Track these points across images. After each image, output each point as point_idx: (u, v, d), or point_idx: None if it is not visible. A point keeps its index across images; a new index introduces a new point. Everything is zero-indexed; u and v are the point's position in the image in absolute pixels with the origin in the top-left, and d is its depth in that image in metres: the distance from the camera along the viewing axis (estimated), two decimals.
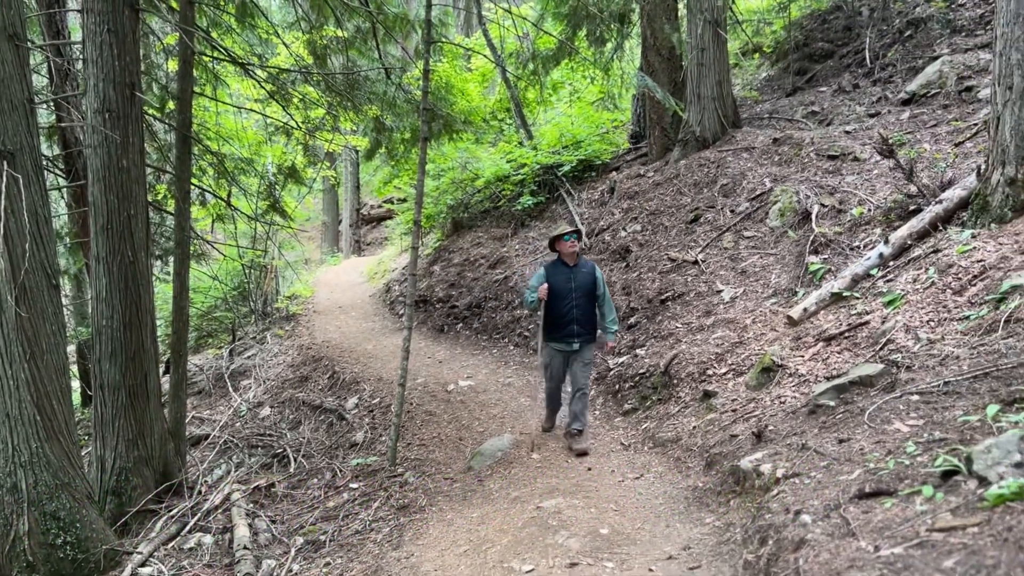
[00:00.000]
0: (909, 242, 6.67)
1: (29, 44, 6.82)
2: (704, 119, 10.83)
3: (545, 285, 6.57)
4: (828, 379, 5.27)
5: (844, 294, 6.53)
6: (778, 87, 13.20)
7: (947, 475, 3.36)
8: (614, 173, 11.91)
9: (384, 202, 21.87)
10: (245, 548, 5.68)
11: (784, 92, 12.77)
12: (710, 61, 10.70)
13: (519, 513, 5.21)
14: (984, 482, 3.17)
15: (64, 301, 10.77)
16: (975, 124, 8.48)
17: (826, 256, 7.45)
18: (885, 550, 2.94)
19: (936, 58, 10.62)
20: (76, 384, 11.03)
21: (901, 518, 3.17)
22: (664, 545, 4.44)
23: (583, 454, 6.49)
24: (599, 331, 6.95)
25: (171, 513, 6.63)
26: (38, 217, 5.57)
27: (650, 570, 4.14)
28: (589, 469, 6.09)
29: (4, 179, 5.30)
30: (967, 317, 5.07)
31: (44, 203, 5.82)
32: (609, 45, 11.52)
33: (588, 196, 11.88)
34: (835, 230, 7.70)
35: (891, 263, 6.61)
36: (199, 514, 6.57)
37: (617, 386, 7.82)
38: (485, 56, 15.14)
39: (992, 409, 3.69)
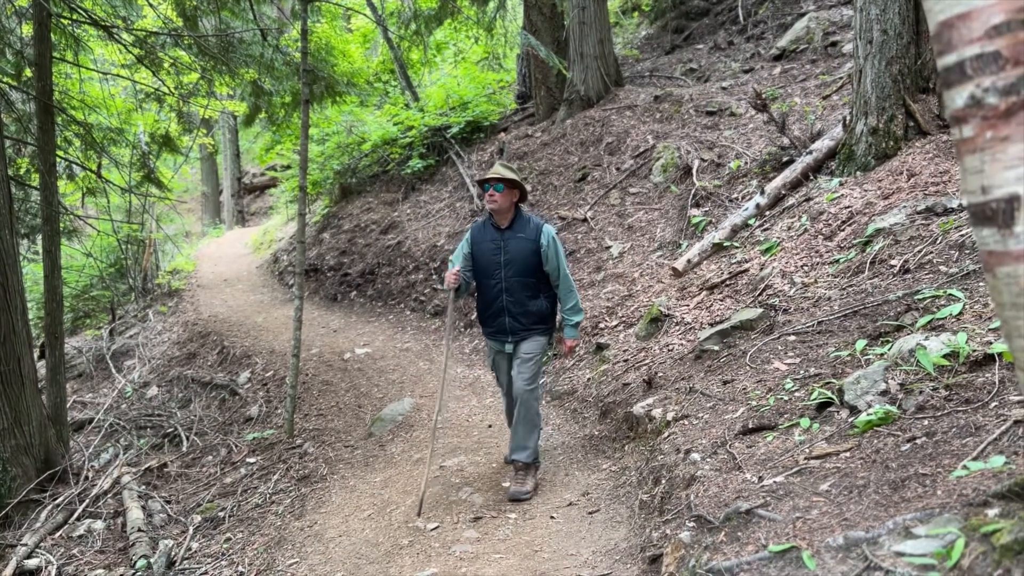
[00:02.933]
0: (783, 192, 7.01)
1: None
2: (588, 78, 10.97)
3: (456, 268, 4.68)
4: (712, 325, 5.52)
5: (725, 244, 6.81)
6: (657, 45, 13.48)
7: (822, 407, 3.60)
8: (503, 134, 11.93)
9: (267, 170, 21.18)
10: (140, 530, 5.50)
11: (663, 50, 13.06)
12: (591, 19, 10.81)
13: (422, 474, 5.26)
14: (855, 411, 3.42)
15: None
16: (840, 78, 8.94)
17: (707, 208, 7.74)
18: (768, 479, 3.14)
19: (803, 15, 11.10)
20: None
21: (782, 449, 3.39)
22: (564, 493, 4.59)
23: (516, 500, 4.58)
24: (555, 324, 4.96)
25: (56, 502, 6.34)
26: None
27: (551, 517, 4.27)
28: (490, 426, 6.19)
29: None
30: (837, 260, 5.39)
31: None
32: (492, 4, 11.46)
33: (478, 158, 11.87)
34: (715, 183, 8.00)
35: (767, 213, 6.93)
36: (87, 500, 6.31)
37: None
38: (366, 16, 14.78)
39: (860, 344, 3.97)
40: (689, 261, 6.89)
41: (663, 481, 3.82)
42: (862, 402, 3.43)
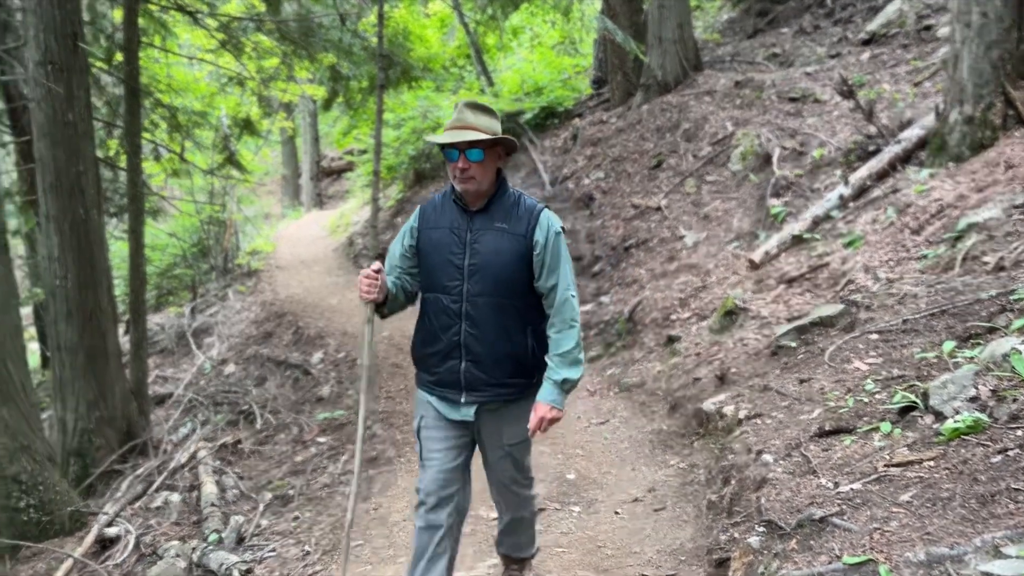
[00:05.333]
0: (868, 183, 6.71)
1: None
2: (666, 63, 10.73)
3: (375, 266, 2.96)
4: (789, 321, 5.33)
5: (805, 236, 6.57)
6: (739, 29, 13.11)
7: (905, 411, 3.42)
8: (577, 119, 11.81)
9: (345, 154, 21.51)
10: (213, 505, 5.66)
11: (745, 34, 12.69)
12: (671, 3, 10.56)
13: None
14: (940, 417, 3.24)
15: (17, 262, 10.51)
16: (934, 63, 8.51)
17: (787, 199, 7.49)
18: (844, 486, 3.00)
19: None
20: (35, 346, 10.82)
21: (860, 454, 3.24)
22: (630, 488, 4.51)
23: None
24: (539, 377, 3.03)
25: (136, 473, 6.57)
26: None
27: (616, 512, 4.20)
28: None
29: None
30: (925, 256, 5.13)
31: None
32: None
33: (551, 144, 11.78)
34: (796, 172, 7.73)
35: (851, 204, 6.66)
36: (165, 473, 6.52)
37: (583, 333, 7.85)
38: (443, 1, 14.81)
39: (948, 345, 3.76)
40: (767, 253, 6.68)
41: (733, 481, 3.70)
42: (949, 408, 3.24)
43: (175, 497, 6.08)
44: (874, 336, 4.35)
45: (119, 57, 8.74)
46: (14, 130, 9.42)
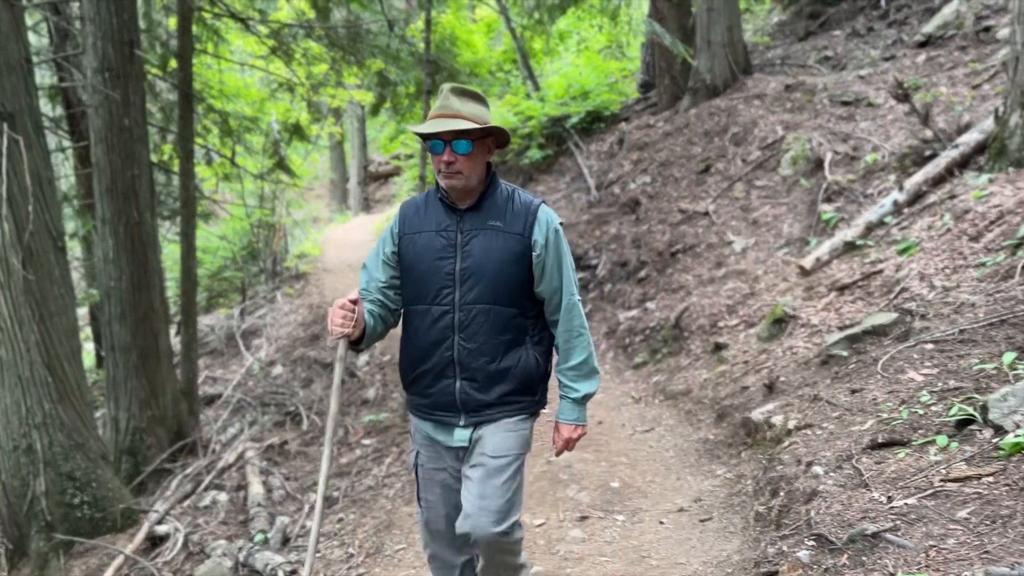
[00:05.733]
0: (924, 188, 6.54)
1: (25, 3, 6.71)
2: (714, 66, 10.61)
3: (350, 298, 2.55)
4: (841, 329, 5.21)
5: (857, 243, 6.43)
6: (790, 32, 12.90)
7: (962, 424, 3.31)
8: (623, 124, 11.74)
9: (392, 158, 21.70)
10: (259, 505, 5.73)
11: (796, 37, 12.48)
12: (720, 6, 10.44)
13: (529, 468, 5.21)
14: (1000, 431, 3.13)
15: (75, 263, 10.80)
16: (993, 65, 8.26)
17: (839, 204, 7.33)
18: (898, 501, 2.91)
19: None
20: (90, 346, 11.10)
21: (915, 468, 3.14)
22: (675, 497, 4.44)
23: None
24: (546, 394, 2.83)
25: (186, 472, 6.70)
26: (40, 179, 5.53)
27: (661, 522, 4.14)
28: (600, 423, 6.08)
29: (5, 141, 5.25)
30: (983, 264, 4.98)
31: (46, 165, 5.78)
32: None
33: (597, 148, 11.72)
34: (848, 178, 7.56)
35: (906, 210, 6.49)
36: (213, 472, 6.64)
37: (627, 340, 7.79)
38: (489, 5, 14.85)
39: (1008, 357, 3.63)
40: (818, 259, 6.55)
41: (781, 493, 3.62)
42: (1009, 422, 3.12)
43: (223, 496, 6.18)
44: (929, 346, 4.23)
45: (174, 64, 8.94)
46: (72, 135, 9.69)
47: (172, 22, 9.17)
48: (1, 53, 5.22)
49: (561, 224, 2.70)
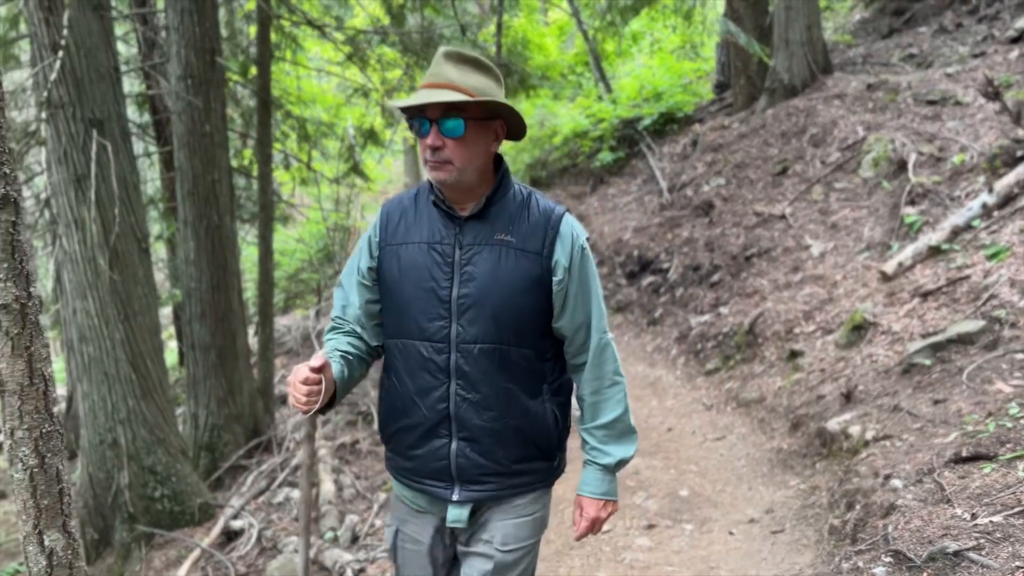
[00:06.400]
0: (1016, 190, 6.22)
1: (115, 14, 7.00)
2: (792, 65, 10.34)
3: (316, 363, 1.88)
4: (924, 337, 5.00)
5: (943, 247, 6.16)
6: (873, 29, 12.48)
7: None
8: (697, 125, 11.55)
9: None
10: (330, 503, 5.83)
11: (880, 34, 12.07)
12: (799, 4, 10.17)
13: None
14: None
15: (160, 265, 11.22)
16: None
17: (923, 207, 7.04)
18: (983, 518, 2.77)
19: None
20: (174, 344, 11.50)
21: (1001, 484, 2.98)
22: (746, 508, 4.33)
23: None
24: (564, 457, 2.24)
25: (261, 468, 6.86)
26: (127, 183, 5.75)
27: (730, 533, 4.04)
28: (669, 430, 5.99)
29: (94, 147, 5.48)
30: None
31: (132, 169, 6.01)
32: None
33: (670, 150, 11.57)
34: (934, 179, 7.26)
35: (995, 213, 6.19)
36: (287, 470, 6.78)
37: (699, 345, 7.65)
38: (562, 8, 14.83)
39: None
40: (900, 264, 6.30)
41: (857, 507, 3.49)
42: None
43: (295, 494, 6.31)
44: (1020, 356, 4.02)
45: (254, 71, 9.21)
46: (158, 141, 10.06)
47: (252, 30, 9.44)
48: (91, 62, 5.46)
49: (588, 240, 2.13)
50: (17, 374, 2.17)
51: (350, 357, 2.10)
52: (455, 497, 2.07)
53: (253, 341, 8.94)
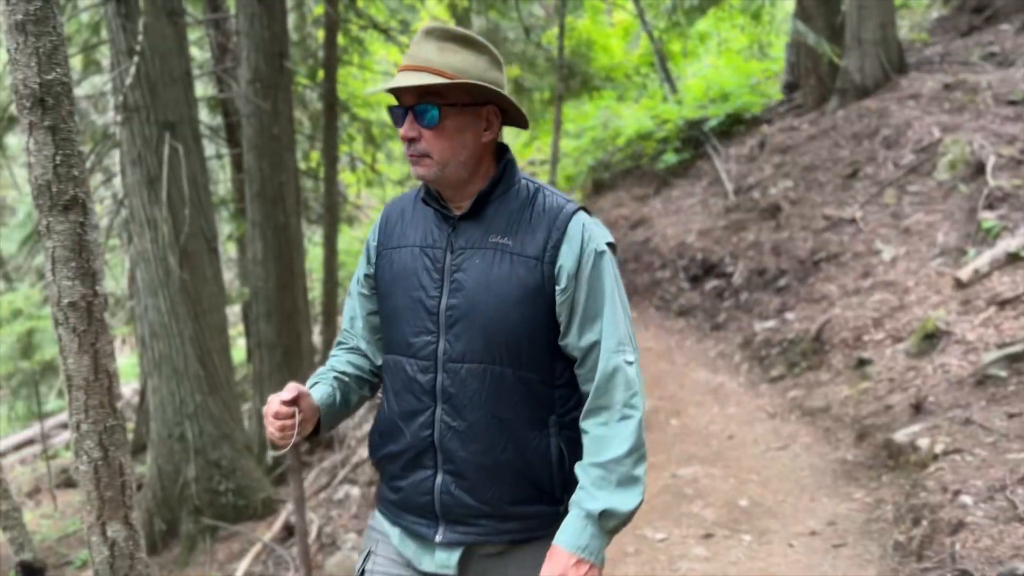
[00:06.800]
0: None
1: (188, 20, 7.23)
2: (865, 65, 10.05)
3: (289, 393, 1.75)
4: (1000, 347, 4.79)
5: (1022, 254, 5.90)
6: (951, 27, 12.04)
7: None
8: (765, 126, 11.32)
9: (528, 164, 21.91)
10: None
11: (958, 32, 11.63)
12: (872, 2, 9.88)
13: (654, 480, 5.10)
14: None
15: (230, 264, 11.54)
16: None
17: (1002, 212, 6.76)
18: None
19: None
20: (242, 342, 11.81)
21: None
22: (807, 520, 4.22)
23: None
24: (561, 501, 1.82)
25: (322, 465, 6.98)
26: (197, 184, 5.93)
27: (790, 545, 3.94)
28: (730, 437, 5.88)
29: (166, 149, 5.66)
30: None
31: (202, 171, 6.19)
32: None
33: (736, 151, 11.36)
34: (1014, 183, 6.96)
35: None
36: (348, 467, 6.88)
37: (763, 352, 7.49)
38: (627, 10, 14.73)
39: None
40: (976, 271, 6.06)
41: (924, 522, 3.36)
42: None
43: (355, 491, 6.40)
44: None
45: (321, 74, 9.39)
46: (230, 143, 10.35)
47: (321, 34, 9.63)
48: (165, 67, 5.64)
49: (612, 245, 1.82)
50: (83, 369, 2.25)
51: (346, 379, 1.95)
52: (439, 538, 1.80)
53: (318, 340, 9.11)
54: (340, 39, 8.54)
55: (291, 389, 1.76)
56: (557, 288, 1.74)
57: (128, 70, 5.36)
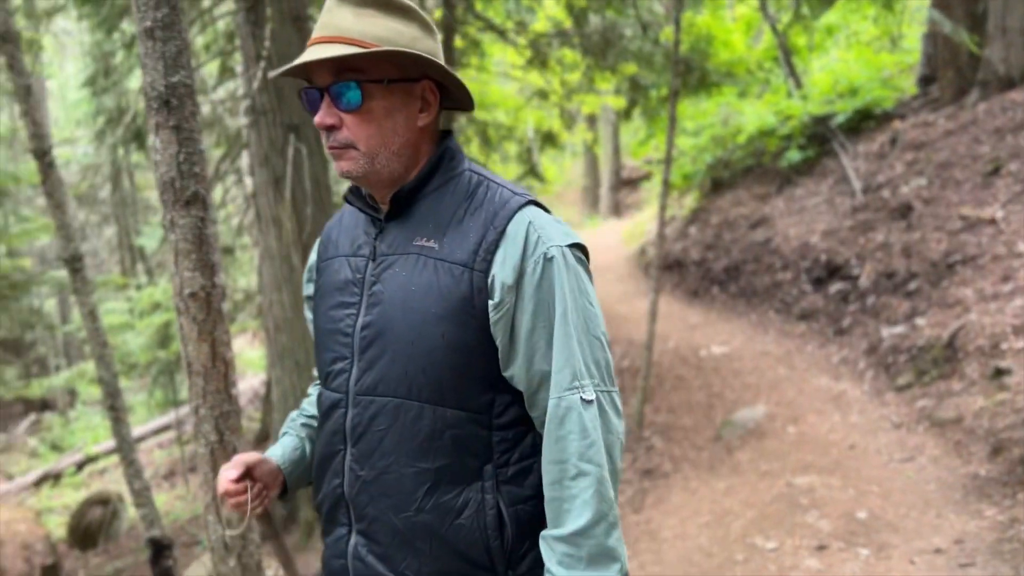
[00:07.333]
0: None
1: (312, 24, 7.53)
2: (1010, 56, 9.37)
3: (236, 469, 1.52)
4: None
5: None
6: None
7: None
8: (897, 122, 10.74)
9: (645, 162, 21.66)
10: None
11: None
12: None
13: (768, 488, 4.93)
14: None
15: None
16: None
17: None
18: None
19: None
20: None
21: None
22: (932, 536, 3.97)
23: None
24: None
25: None
26: (319, 184, 6.17)
27: (911, 562, 3.72)
28: (851, 447, 5.61)
29: (291, 150, 5.92)
30: None
31: (324, 171, 6.43)
32: None
33: (865, 148, 10.82)
34: None
35: None
36: None
37: (890, 358, 7.11)
38: (749, 3, 14.31)
39: None
40: None
41: None
42: None
43: None
44: None
45: None
46: None
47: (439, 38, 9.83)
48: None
49: (577, 248, 1.45)
50: (202, 356, 2.38)
51: (316, 423, 1.64)
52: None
53: None
54: (458, 42, 8.68)
55: (237, 464, 1.51)
56: (490, 303, 1.37)
57: (256, 75, 5.63)
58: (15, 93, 4.42)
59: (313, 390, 1.74)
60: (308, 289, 1.67)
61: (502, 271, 1.37)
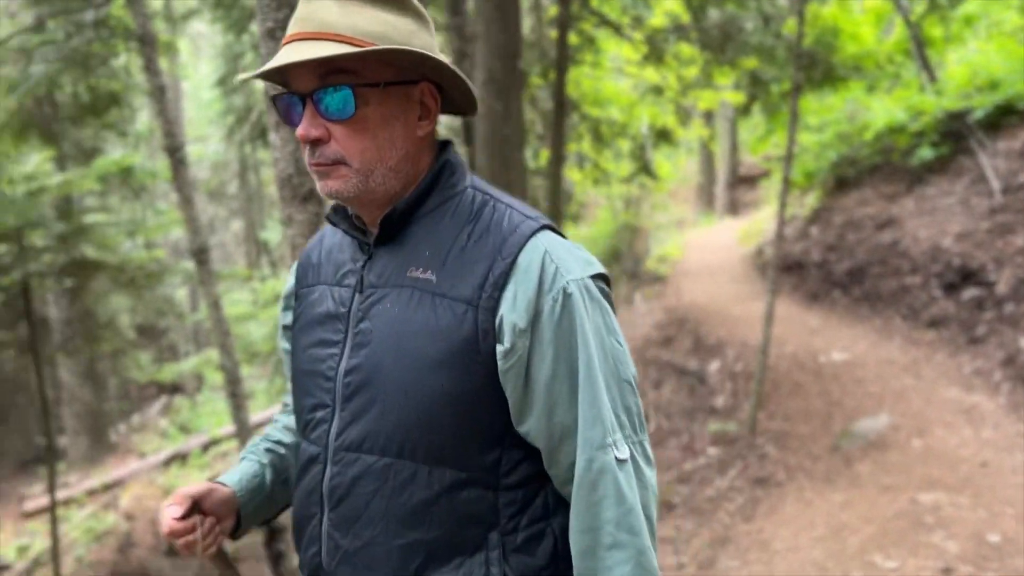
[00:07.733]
0: None
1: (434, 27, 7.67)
2: None
3: (178, 515, 1.25)
4: None
5: None
6: None
7: None
8: None
9: (764, 159, 21.00)
10: None
11: None
12: None
13: (889, 503, 4.68)
14: None
15: None
16: None
17: None
18: None
19: None
20: None
21: None
22: None
23: None
24: None
25: None
26: None
27: None
28: (983, 464, 5.25)
29: None
30: None
31: None
32: None
33: (1006, 146, 10.11)
34: None
35: None
36: None
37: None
38: None
39: None
40: None
41: None
42: None
43: None
44: None
45: (553, 74, 9.59)
46: (467, 142, 10.87)
47: (554, 34, 9.83)
48: None
49: (600, 278, 1.28)
50: None
51: (283, 450, 1.48)
52: None
53: None
54: (572, 38, 8.65)
55: (180, 498, 1.28)
56: (499, 348, 1.16)
57: None
58: (151, 93, 4.69)
59: (283, 416, 1.54)
60: (285, 318, 1.45)
61: (513, 311, 1.16)
